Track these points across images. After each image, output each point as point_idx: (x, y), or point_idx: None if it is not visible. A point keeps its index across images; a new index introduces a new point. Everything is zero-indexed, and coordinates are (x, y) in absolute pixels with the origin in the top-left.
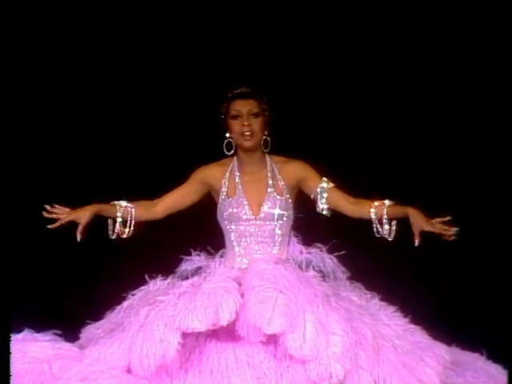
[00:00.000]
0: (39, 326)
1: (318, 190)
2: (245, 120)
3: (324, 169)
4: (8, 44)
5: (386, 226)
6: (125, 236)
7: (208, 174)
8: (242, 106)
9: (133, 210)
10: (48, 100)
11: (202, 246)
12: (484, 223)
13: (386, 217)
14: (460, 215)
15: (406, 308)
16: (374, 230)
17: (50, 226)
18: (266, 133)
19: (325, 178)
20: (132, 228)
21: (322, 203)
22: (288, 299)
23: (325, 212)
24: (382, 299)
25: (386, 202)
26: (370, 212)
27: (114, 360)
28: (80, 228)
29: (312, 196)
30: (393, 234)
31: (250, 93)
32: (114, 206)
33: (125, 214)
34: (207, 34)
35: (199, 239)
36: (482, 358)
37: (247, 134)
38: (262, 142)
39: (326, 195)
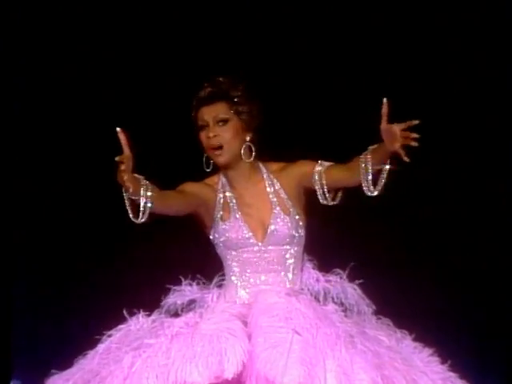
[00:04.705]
0: None
1: (316, 176)
2: (210, 131)
3: None
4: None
5: (370, 176)
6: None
7: (200, 189)
8: (207, 113)
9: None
10: (46, 101)
11: (193, 273)
12: (483, 223)
13: (370, 163)
14: (460, 216)
15: (442, 349)
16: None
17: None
18: (247, 139)
19: (320, 161)
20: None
21: (321, 193)
22: (305, 342)
23: (331, 201)
24: (415, 339)
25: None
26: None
27: None
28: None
29: (315, 188)
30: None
31: (216, 93)
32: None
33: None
34: (205, 33)
35: (190, 264)
36: None
37: (214, 147)
38: (242, 151)
39: (324, 180)
